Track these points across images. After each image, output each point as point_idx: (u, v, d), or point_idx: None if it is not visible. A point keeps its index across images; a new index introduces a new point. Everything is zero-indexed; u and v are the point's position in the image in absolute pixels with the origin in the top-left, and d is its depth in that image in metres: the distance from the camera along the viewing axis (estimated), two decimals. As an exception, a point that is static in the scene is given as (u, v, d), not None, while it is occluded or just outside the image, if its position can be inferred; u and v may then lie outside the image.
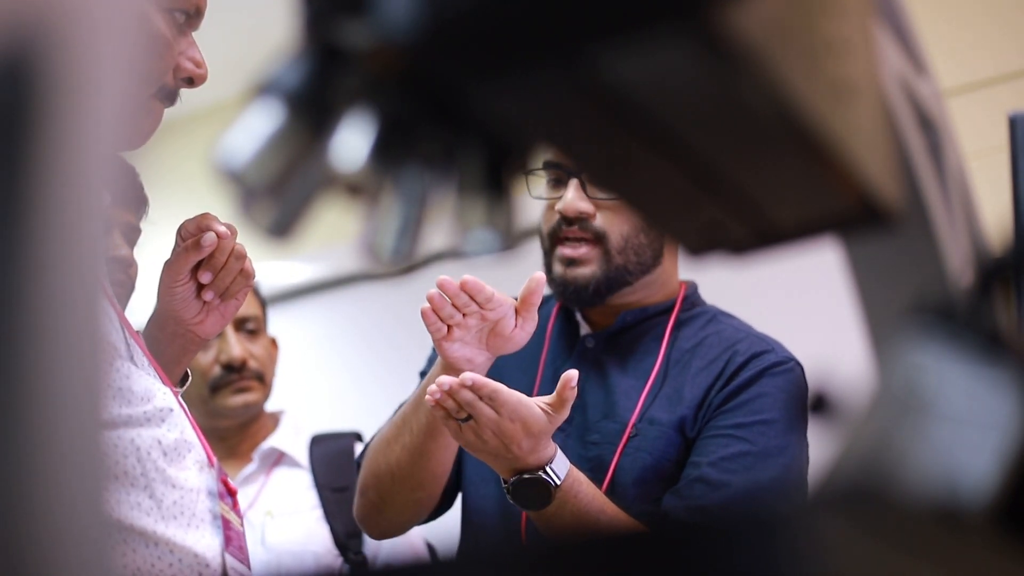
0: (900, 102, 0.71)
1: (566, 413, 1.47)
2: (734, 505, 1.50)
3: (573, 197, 1.64)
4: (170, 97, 1.26)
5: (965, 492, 0.51)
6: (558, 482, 1.48)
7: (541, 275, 1.57)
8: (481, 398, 1.43)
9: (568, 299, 1.70)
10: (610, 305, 1.71)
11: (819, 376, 0.55)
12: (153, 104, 1.24)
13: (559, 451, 1.50)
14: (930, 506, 0.51)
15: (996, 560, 0.53)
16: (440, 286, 1.52)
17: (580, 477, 1.51)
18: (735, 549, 0.42)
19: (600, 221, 1.65)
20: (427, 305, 1.52)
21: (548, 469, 1.48)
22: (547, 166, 1.69)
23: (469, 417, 1.45)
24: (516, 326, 1.56)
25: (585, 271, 1.65)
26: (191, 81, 1.26)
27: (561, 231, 1.66)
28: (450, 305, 1.51)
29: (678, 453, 1.59)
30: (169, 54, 1.23)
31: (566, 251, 1.66)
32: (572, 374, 1.46)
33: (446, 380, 1.44)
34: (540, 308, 1.80)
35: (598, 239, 1.65)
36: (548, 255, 1.69)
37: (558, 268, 1.67)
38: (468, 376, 1.44)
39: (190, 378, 1.52)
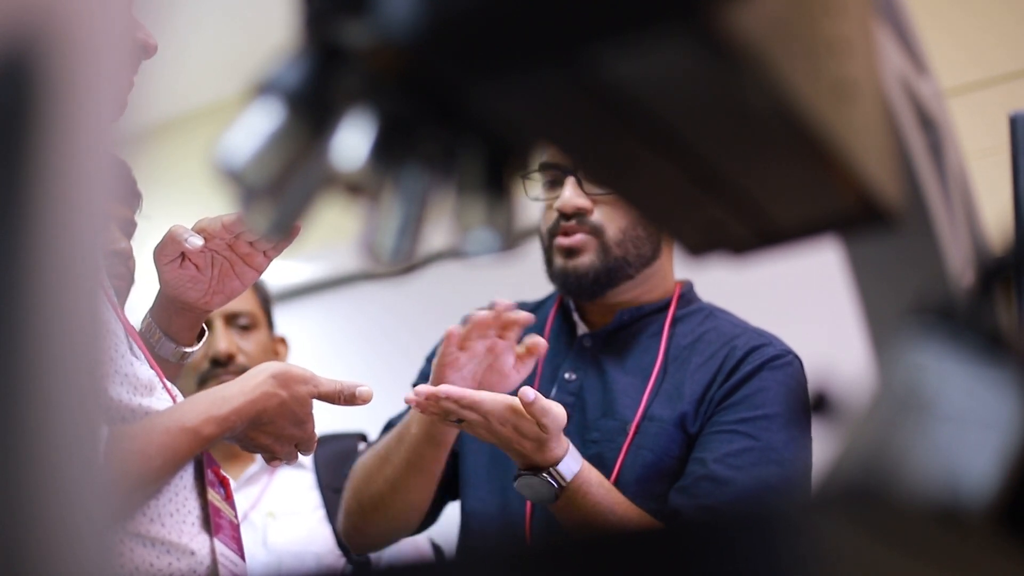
0: (901, 102, 0.71)
1: (553, 416, 1.46)
2: (742, 502, 1.50)
3: (571, 194, 1.65)
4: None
5: (965, 492, 0.51)
6: (563, 484, 1.48)
7: (541, 340, 1.62)
8: (463, 407, 1.45)
9: (569, 291, 1.70)
10: (607, 303, 1.71)
11: (820, 376, 0.55)
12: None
13: (570, 451, 1.50)
14: (930, 506, 0.51)
15: (996, 560, 0.53)
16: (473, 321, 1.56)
17: (591, 478, 1.50)
18: (735, 548, 0.42)
19: (597, 216, 1.66)
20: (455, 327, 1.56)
21: (554, 470, 1.48)
22: (543, 167, 1.70)
23: (461, 419, 1.46)
24: (513, 366, 1.60)
25: (584, 260, 1.66)
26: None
27: (559, 227, 1.67)
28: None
29: (680, 449, 1.59)
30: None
31: (563, 241, 1.67)
32: (528, 392, 1.45)
33: (423, 389, 1.45)
34: (538, 309, 1.80)
35: (595, 233, 1.66)
36: (548, 251, 1.70)
37: (558, 261, 1.68)
38: (443, 389, 1.45)
39: (207, 333, 1.55)
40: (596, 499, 1.50)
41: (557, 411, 1.45)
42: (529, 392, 1.43)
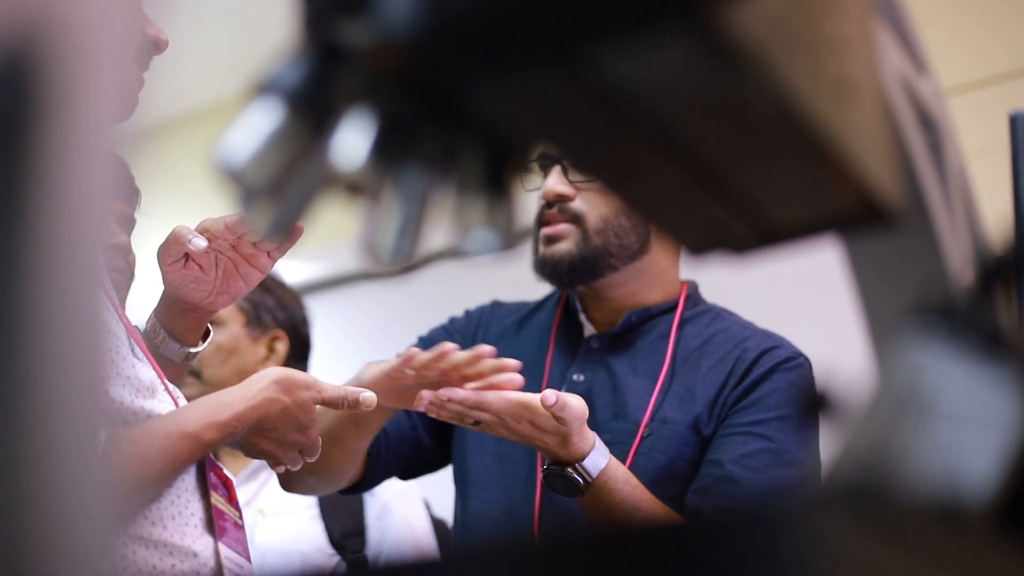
0: (901, 101, 0.71)
1: (571, 409, 1.44)
2: (762, 502, 1.50)
3: (553, 181, 1.67)
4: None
5: (965, 491, 0.51)
6: (589, 480, 1.48)
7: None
8: (471, 408, 1.44)
9: (548, 278, 1.70)
10: (609, 302, 1.71)
11: (820, 375, 0.55)
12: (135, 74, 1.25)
13: (597, 446, 1.49)
14: (930, 505, 0.51)
15: (996, 560, 0.53)
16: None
17: (617, 475, 1.50)
18: (752, 547, 0.42)
19: (578, 203, 1.67)
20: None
21: (580, 466, 1.48)
22: (537, 158, 1.71)
23: (477, 421, 1.45)
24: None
25: (561, 248, 1.66)
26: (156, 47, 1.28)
27: (544, 215, 1.68)
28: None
29: (693, 452, 1.59)
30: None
31: (545, 229, 1.68)
32: (549, 396, 1.42)
33: (426, 395, 1.44)
34: (542, 308, 1.80)
35: (575, 220, 1.66)
36: (534, 241, 1.71)
37: (541, 248, 1.69)
38: (446, 392, 1.44)
39: (212, 333, 1.55)
40: (622, 496, 1.50)
41: (574, 403, 1.45)
42: (550, 396, 1.43)
